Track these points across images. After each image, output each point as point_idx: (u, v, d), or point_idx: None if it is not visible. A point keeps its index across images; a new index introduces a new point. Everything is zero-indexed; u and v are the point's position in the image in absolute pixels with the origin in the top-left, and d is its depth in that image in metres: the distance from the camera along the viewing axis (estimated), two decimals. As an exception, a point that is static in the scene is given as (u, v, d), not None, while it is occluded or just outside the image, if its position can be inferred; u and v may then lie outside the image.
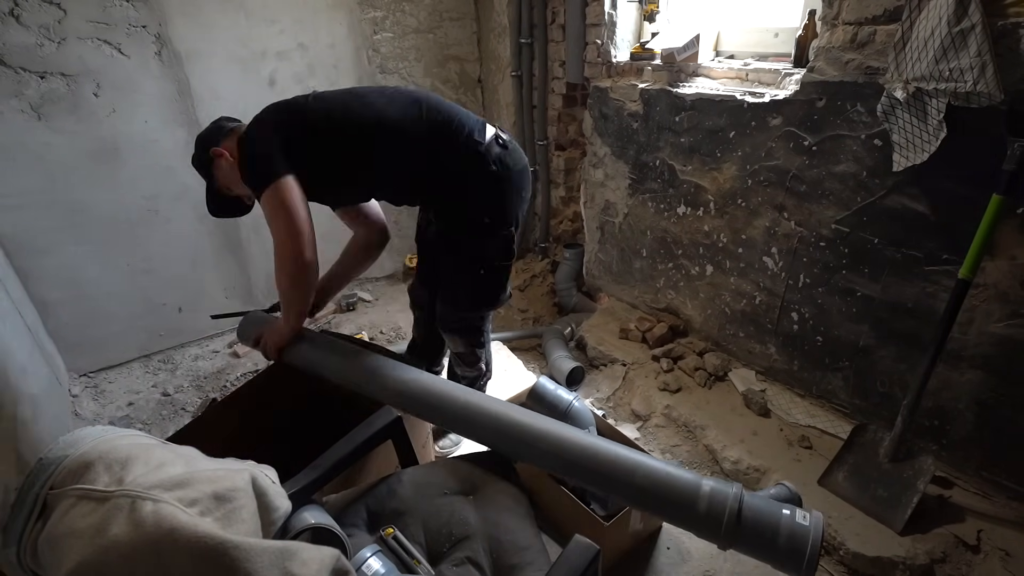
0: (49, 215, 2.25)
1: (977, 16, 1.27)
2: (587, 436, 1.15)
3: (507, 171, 1.53)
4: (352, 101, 1.48)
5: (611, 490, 1.11)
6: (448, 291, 1.71)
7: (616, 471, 1.07)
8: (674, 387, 2.22)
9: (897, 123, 1.51)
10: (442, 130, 1.48)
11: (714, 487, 1.01)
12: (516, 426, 1.18)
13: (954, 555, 1.49)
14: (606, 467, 1.08)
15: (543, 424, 1.18)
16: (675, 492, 1.02)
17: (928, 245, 1.59)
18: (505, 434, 1.19)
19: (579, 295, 3.02)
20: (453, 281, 1.69)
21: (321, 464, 1.15)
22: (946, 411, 1.67)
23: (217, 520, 0.77)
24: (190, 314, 2.73)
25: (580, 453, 1.11)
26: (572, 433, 1.15)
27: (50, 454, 0.81)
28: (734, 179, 2.05)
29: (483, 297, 1.69)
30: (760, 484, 1.80)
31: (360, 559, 1.01)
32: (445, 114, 1.50)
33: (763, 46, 2.16)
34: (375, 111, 1.46)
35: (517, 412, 1.21)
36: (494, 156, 1.51)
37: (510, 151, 1.55)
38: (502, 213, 1.56)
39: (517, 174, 1.57)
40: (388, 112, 1.46)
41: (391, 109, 1.47)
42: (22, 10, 2.00)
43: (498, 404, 1.24)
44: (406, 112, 1.47)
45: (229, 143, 1.46)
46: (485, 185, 1.52)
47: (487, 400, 1.27)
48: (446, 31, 3.01)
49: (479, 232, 1.56)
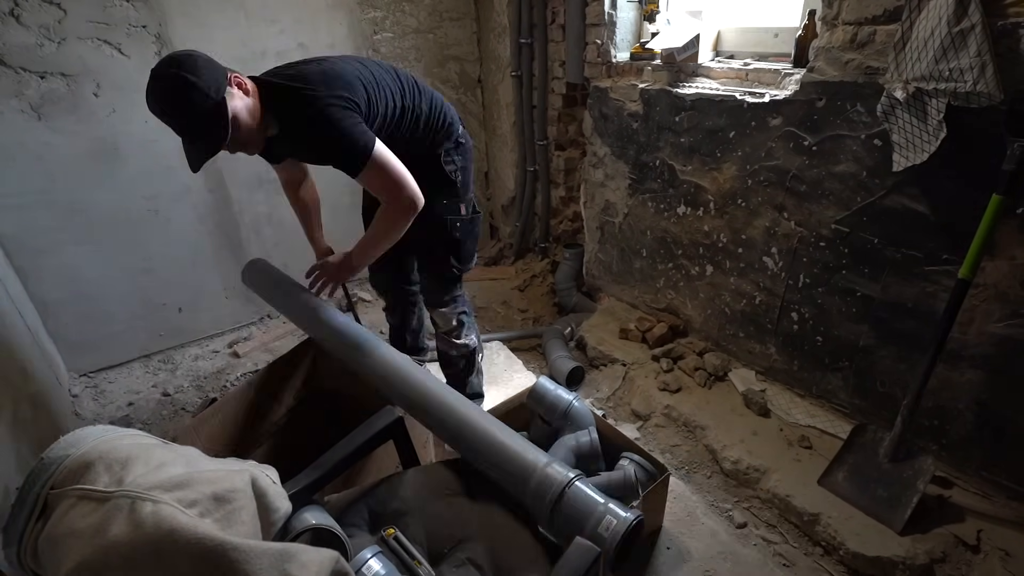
0: (49, 215, 2.25)
1: (977, 16, 1.27)
2: (458, 399, 1.29)
3: (466, 142, 1.81)
4: (369, 69, 1.53)
5: (468, 453, 1.24)
6: (433, 255, 1.85)
7: (476, 438, 1.20)
8: (674, 387, 2.22)
9: (897, 123, 1.51)
10: (433, 106, 1.67)
11: (547, 473, 1.09)
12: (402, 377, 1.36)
13: (954, 555, 1.49)
14: (468, 433, 1.22)
15: (421, 379, 1.34)
16: (516, 468, 1.13)
17: (928, 245, 1.59)
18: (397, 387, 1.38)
19: (579, 295, 3.02)
20: (435, 240, 1.79)
21: (322, 464, 1.15)
22: (946, 411, 1.67)
23: (217, 521, 0.77)
24: (190, 314, 2.73)
25: (445, 410, 1.27)
26: (453, 400, 1.30)
27: (51, 454, 0.81)
28: (734, 179, 2.05)
29: (465, 249, 1.84)
30: (760, 484, 1.80)
31: (360, 560, 1.01)
32: (431, 92, 1.71)
33: (763, 46, 2.16)
34: (391, 84, 1.56)
35: (412, 369, 1.38)
36: (461, 132, 1.78)
37: (465, 127, 1.84)
38: (467, 177, 1.81)
39: (469, 149, 1.84)
40: (402, 87, 1.60)
41: (402, 84, 1.60)
42: (22, 10, 2.00)
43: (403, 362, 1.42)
44: (410, 87, 1.62)
45: (236, 76, 1.34)
46: (455, 152, 1.76)
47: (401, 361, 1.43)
48: (446, 31, 3.01)
49: (453, 192, 1.76)
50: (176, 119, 1.26)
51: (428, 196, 1.55)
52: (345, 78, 1.41)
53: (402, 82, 1.60)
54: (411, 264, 2.07)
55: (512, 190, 3.31)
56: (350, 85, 1.40)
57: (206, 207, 2.61)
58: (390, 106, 1.52)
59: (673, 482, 1.80)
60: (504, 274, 3.28)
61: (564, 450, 1.54)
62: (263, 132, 1.42)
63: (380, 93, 1.50)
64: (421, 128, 1.65)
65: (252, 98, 1.35)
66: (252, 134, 1.37)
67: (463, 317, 1.96)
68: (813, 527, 1.64)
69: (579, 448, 1.55)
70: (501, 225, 3.57)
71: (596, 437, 1.58)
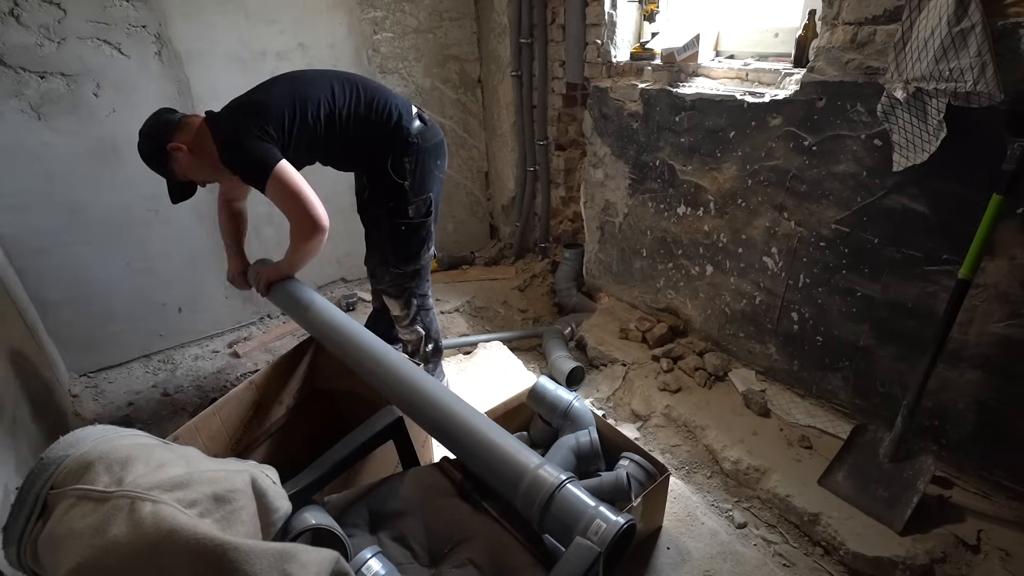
0: (49, 215, 2.25)
1: (977, 16, 1.27)
2: (457, 403, 1.27)
3: (425, 143, 1.79)
4: (300, 88, 1.65)
5: (461, 453, 1.23)
6: (378, 249, 1.95)
7: (469, 439, 1.19)
8: (674, 387, 2.22)
9: (897, 123, 1.51)
10: (374, 108, 1.72)
11: (538, 475, 1.09)
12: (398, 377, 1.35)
13: (954, 555, 1.49)
14: (460, 433, 1.21)
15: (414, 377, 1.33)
16: (507, 469, 1.12)
17: (928, 245, 1.58)
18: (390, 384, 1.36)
19: (579, 295, 3.02)
20: (381, 238, 1.91)
21: (322, 464, 1.15)
22: (946, 411, 1.67)
23: (216, 521, 0.77)
24: (190, 314, 2.73)
25: (436, 408, 1.25)
26: (447, 399, 1.28)
27: (51, 454, 0.81)
28: (734, 179, 2.05)
29: (406, 251, 1.90)
30: (760, 484, 1.80)
31: (360, 560, 1.01)
32: (375, 94, 1.73)
33: (763, 46, 2.16)
34: (321, 96, 1.65)
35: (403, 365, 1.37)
36: (415, 131, 1.77)
37: (428, 127, 1.82)
38: (421, 179, 1.81)
39: (434, 146, 1.83)
40: (333, 96, 1.67)
41: (335, 93, 1.67)
42: (22, 10, 2.00)
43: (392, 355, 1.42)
44: (346, 94, 1.69)
45: (184, 136, 1.57)
46: (404, 154, 1.76)
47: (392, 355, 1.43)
48: (446, 31, 3.01)
49: (399, 194, 1.79)
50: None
51: (375, 196, 1.83)
52: (261, 103, 1.59)
53: (335, 90, 1.68)
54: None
55: (512, 190, 3.31)
56: (265, 109, 1.57)
57: (206, 207, 2.60)
58: (311, 116, 1.63)
59: (673, 482, 1.80)
60: (504, 274, 3.28)
61: (564, 450, 1.54)
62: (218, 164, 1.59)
63: (299, 109, 1.61)
64: (353, 129, 1.70)
65: (192, 153, 1.57)
66: (207, 175, 1.65)
67: (411, 308, 2.01)
68: (813, 527, 1.64)
69: (579, 448, 1.55)
70: (501, 225, 3.57)
71: (596, 437, 1.58)
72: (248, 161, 1.52)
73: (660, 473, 1.55)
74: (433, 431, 1.28)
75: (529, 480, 1.08)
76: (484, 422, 1.22)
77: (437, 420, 1.25)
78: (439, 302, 3.02)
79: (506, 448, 1.15)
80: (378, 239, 1.93)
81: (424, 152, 1.79)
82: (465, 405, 1.27)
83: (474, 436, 1.18)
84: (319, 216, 1.55)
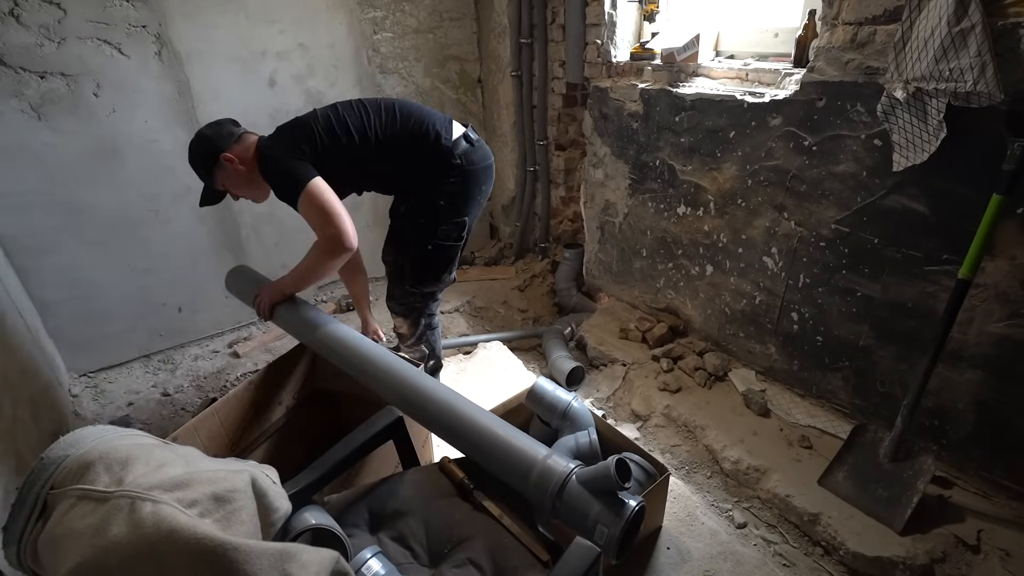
0: (49, 215, 2.25)
1: (977, 16, 1.27)
2: (457, 398, 1.28)
3: (471, 166, 1.74)
4: (336, 112, 1.69)
5: (468, 450, 1.24)
6: (396, 265, 1.89)
7: (476, 435, 1.21)
8: (674, 387, 2.22)
9: (897, 123, 1.51)
10: (410, 126, 1.70)
11: (546, 466, 1.12)
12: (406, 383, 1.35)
13: (954, 555, 1.49)
14: (467, 430, 1.23)
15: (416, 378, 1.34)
16: (517, 462, 1.15)
17: (928, 245, 1.59)
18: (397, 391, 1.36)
19: (579, 295, 3.02)
20: (404, 253, 1.86)
21: (322, 464, 1.15)
22: (946, 411, 1.67)
23: (217, 521, 0.77)
24: (190, 314, 2.73)
25: (445, 410, 1.26)
26: (445, 393, 1.30)
27: (51, 454, 0.81)
28: (734, 179, 2.05)
29: (427, 272, 1.86)
30: (760, 484, 1.80)
31: (360, 560, 1.01)
32: (417, 118, 1.71)
33: (763, 46, 2.16)
34: (364, 125, 1.68)
35: (410, 371, 1.37)
36: (459, 152, 1.72)
37: (475, 148, 1.76)
38: (461, 201, 1.77)
39: (481, 170, 1.78)
40: (375, 124, 1.69)
41: (377, 121, 1.69)
42: (22, 10, 2.00)
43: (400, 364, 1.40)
44: (387, 122, 1.70)
45: (240, 149, 1.61)
46: (447, 176, 1.72)
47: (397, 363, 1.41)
48: (446, 31, 3.01)
49: (433, 213, 1.76)
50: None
51: (409, 210, 1.79)
52: (301, 124, 1.66)
53: (370, 110, 1.70)
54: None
55: (512, 190, 3.31)
56: (303, 128, 1.64)
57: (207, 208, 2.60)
58: (342, 131, 1.65)
59: (673, 482, 1.80)
60: (504, 274, 3.28)
61: (563, 451, 1.54)
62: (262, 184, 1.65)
63: (335, 128, 1.65)
64: (388, 146, 1.70)
65: (242, 167, 1.61)
66: (248, 190, 1.69)
67: (418, 328, 1.98)
68: (813, 527, 1.65)
69: (578, 449, 1.55)
70: (501, 225, 3.57)
71: (595, 438, 1.58)
72: (281, 176, 1.56)
73: (660, 473, 1.55)
74: (438, 430, 1.28)
75: (539, 471, 1.12)
76: (489, 418, 1.25)
77: (442, 418, 1.27)
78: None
79: (514, 442, 1.18)
80: (399, 254, 1.87)
81: (469, 175, 1.74)
82: (469, 403, 1.29)
83: (482, 432, 1.21)
84: (347, 234, 1.53)
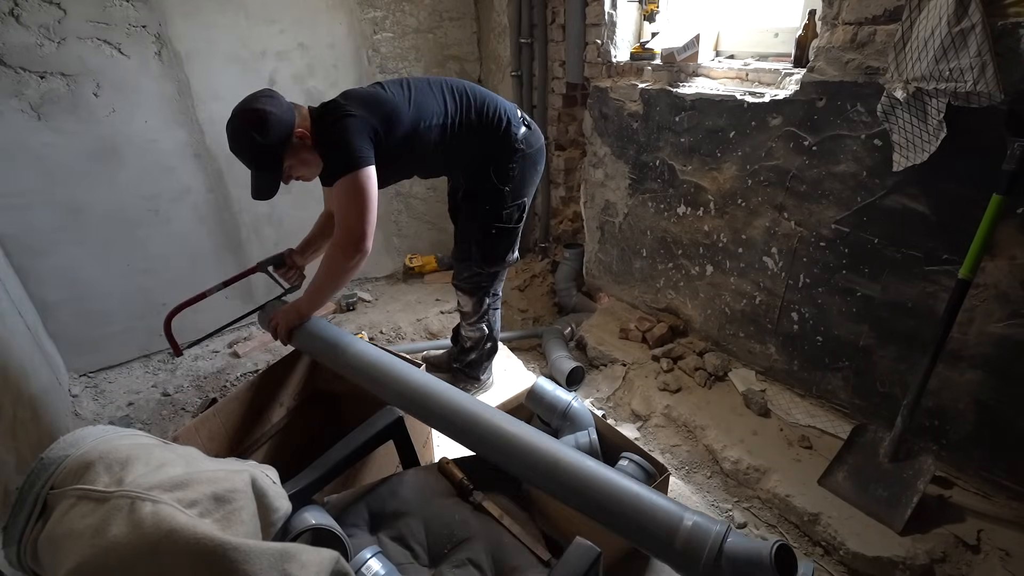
0: (49, 215, 2.25)
1: (977, 16, 1.27)
2: (580, 458, 1.13)
3: (529, 148, 1.80)
4: (416, 96, 1.63)
5: (595, 515, 1.08)
6: (463, 247, 1.95)
7: (604, 498, 1.06)
8: (674, 387, 2.22)
9: (897, 123, 1.51)
10: (484, 115, 1.72)
11: (696, 523, 0.97)
12: (509, 439, 1.19)
13: (954, 555, 1.49)
14: (594, 491, 1.07)
15: (535, 441, 1.17)
16: (655, 524, 1.00)
17: (928, 245, 1.58)
18: (502, 449, 1.20)
19: (579, 295, 3.02)
20: (468, 238, 1.92)
21: (322, 464, 1.15)
22: (946, 411, 1.67)
23: (216, 521, 0.77)
24: (190, 314, 2.71)
25: (572, 474, 1.10)
26: (565, 453, 1.14)
27: (51, 454, 0.81)
28: (734, 179, 2.05)
29: (493, 253, 1.91)
30: (760, 484, 1.80)
31: (360, 560, 1.01)
32: (484, 100, 1.73)
33: (763, 46, 2.16)
34: (435, 107, 1.64)
35: (514, 426, 1.21)
36: (520, 136, 1.76)
37: (532, 132, 1.82)
38: (520, 184, 1.82)
39: (537, 151, 1.84)
40: (446, 106, 1.67)
41: (447, 103, 1.67)
42: (22, 10, 2.00)
43: (498, 416, 1.23)
44: (458, 103, 1.69)
45: (301, 120, 1.49)
46: (510, 160, 1.77)
47: (489, 411, 1.26)
48: (446, 31, 3.01)
49: (497, 198, 1.80)
50: (241, 158, 1.47)
51: (471, 197, 1.84)
52: (384, 101, 1.56)
53: (447, 101, 1.67)
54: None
55: (512, 190, 3.31)
56: (386, 107, 1.54)
57: (206, 207, 2.60)
58: (423, 125, 1.62)
59: (673, 482, 1.80)
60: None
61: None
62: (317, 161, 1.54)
63: (414, 118, 1.59)
64: (463, 137, 1.70)
65: (308, 143, 1.49)
66: (307, 169, 1.55)
67: (482, 306, 2.05)
68: (813, 527, 1.65)
69: (578, 449, 1.55)
70: (501, 225, 3.57)
71: (595, 438, 1.58)
72: (343, 147, 1.44)
73: (660, 473, 1.55)
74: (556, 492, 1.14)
75: (685, 535, 0.96)
76: (620, 479, 1.09)
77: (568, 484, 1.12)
78: (439, 302, 3.02)
79: (648, 499, 1.03)
80: (465, 238, 1.94)
81: (528, 158, 1.79)
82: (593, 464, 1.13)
83: (608, 490, 1.07)
84: (368, 236, 1.47)
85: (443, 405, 1.28)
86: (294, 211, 2.80)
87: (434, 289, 3.18)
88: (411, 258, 3.31)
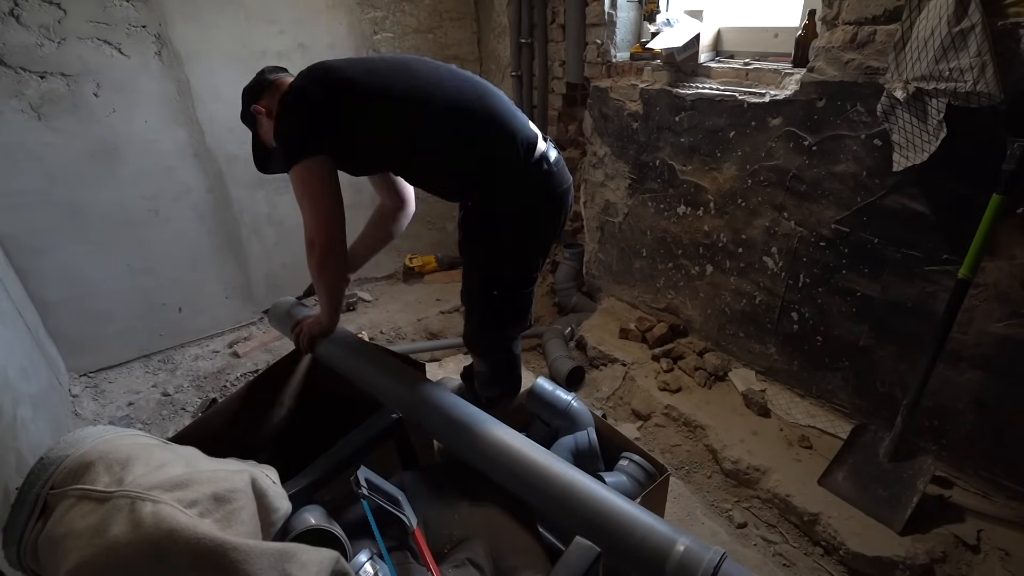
0: (49, 215, 2.25)
1: (977, 16, 1.27)
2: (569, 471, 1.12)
3: (549, 188, 1.38)
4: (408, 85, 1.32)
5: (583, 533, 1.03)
6: (465, 308, 1.62)
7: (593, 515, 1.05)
8: (674, 387, 2.22)
9: (897, 123, 1.51)
10: (499, 149, 1.33)
11: (689, 547, 0.95)
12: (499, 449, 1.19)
13: (954, 555, 1.49)
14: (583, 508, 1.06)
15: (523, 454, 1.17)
16: (644, 547, 0.98)
17: (928, 245, 1.58)
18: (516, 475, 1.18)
19: (579, 295, 3.02)
20: (467, 299, 1.58)
21: (322, 464, 1.15)
22: (946, 411, 1.67)
23: (217, 521, 0.77)
24: (190, 314, 2.73)
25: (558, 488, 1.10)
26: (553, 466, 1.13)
27: (51, 454, 0.81)
28: (734, 179, 2.05)
29: (494, 321, 1.53)
30: (760, 484, 1.80)
31: (360, 560, 1.01)
32: (508, 130, 1.33)
33: (763, 46, 2.16)
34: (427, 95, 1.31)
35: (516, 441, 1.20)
36: (536, 177, 1.36)
37: (555, 171, 1.38)
38: (531, 233, 1.43)
39: (558, 195, 1.41)
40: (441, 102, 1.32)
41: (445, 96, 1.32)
42: (22, 10, 2.00)
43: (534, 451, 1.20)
44: (460, 102, 1.32)
45: (269, 99, 1.40)
46: (514, 200, 1.38)
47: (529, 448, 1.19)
48: (446, 31, 3.01)
49: (495, 247, 1.41)
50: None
51: (468, 239, 1.45)
52: (352, 82, 1.30)
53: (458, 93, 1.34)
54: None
55: (512, 190, 3.31)
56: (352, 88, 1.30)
57: (206, 207, 2.61)
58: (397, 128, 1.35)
59: (673, 482, 1.80)
60: (504, 274, 3.27)
61: (563, 451, 1.54)
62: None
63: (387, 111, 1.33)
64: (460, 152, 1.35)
65: (271, 119, 1.39)
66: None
67: (485, 374, 1.69)
68: (813, 527, 1.65)
69: (578, 449, 1.55)
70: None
71: (595, 438, 1.57)
72: (286, 137, 1.32)
73: (660, 473, 1.55)
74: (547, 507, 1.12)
75: (675, 563, 0.95)
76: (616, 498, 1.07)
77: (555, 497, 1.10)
78: (439, 302, 3.02)
79: (644, 521, 1.01)
80: (464, 292, 1.59)
81: (540, 207, 1.40)
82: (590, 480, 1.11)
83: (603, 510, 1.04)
84: (320, 233, 1.32)
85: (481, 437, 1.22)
86: (294, 211, 2.79)
87: (434, 289, 3.18)
88: (411, 258, 3.32)
